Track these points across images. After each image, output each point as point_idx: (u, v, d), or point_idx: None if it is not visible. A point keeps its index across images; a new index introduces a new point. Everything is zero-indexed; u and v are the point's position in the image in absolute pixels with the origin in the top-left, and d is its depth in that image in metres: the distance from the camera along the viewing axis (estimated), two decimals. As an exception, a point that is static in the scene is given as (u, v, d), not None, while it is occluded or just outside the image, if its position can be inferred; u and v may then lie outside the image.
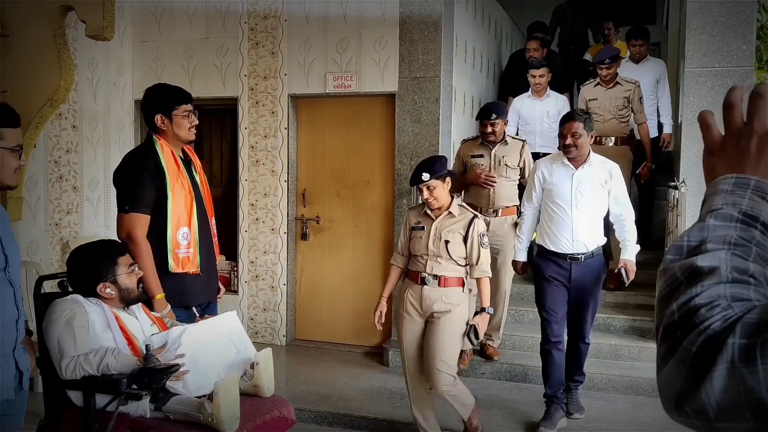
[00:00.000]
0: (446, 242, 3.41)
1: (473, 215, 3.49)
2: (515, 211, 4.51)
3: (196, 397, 2.59)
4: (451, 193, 3.54)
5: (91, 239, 3.17)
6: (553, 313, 3.82)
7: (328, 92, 5.33)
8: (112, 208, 3.18)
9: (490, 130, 4.53)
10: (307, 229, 5.56)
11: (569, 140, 3.69)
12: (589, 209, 3.75)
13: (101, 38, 4.18)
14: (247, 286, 5.63)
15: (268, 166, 5.52)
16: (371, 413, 4.15)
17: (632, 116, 5.39)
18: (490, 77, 7.08)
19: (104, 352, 2.50)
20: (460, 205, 3.57)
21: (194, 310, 3.15)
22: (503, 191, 4.58)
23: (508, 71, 7.16)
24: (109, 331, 2.62)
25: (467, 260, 3.46)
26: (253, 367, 2.82)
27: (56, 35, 4.25)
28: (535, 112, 5.67)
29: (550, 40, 7.07)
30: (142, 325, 2.75)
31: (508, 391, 4.56)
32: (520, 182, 4.61)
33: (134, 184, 2.98)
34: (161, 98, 3.11)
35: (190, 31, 5.64)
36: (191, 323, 2.88)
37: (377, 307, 3.65)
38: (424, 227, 3.49)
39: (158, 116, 3.06)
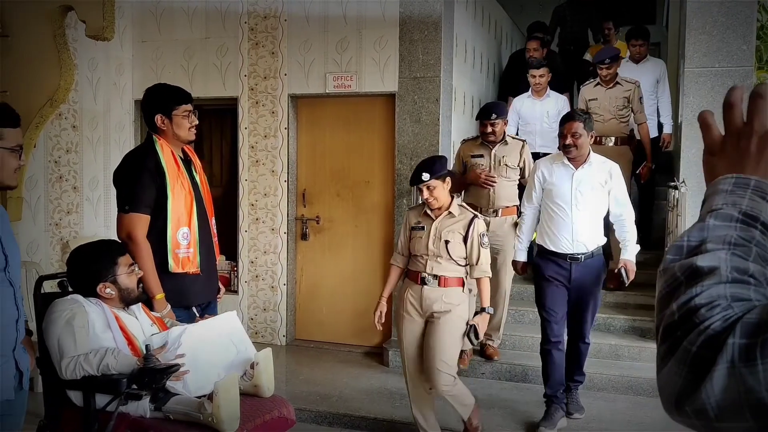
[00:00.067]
0: (446, 242, 3.41)
1: (473, 215, 3.48)
2: (515, 211, 4.51)
3: (196, 397, 2.59)
4: (451, 193, 3.54)
5: (91, 239, 3.17)
6: (553, 313, 3.82)
7: (328, 92, 5.33)
8: (112, 208, 3.18)
9: (490, 130, 4.53)
10: (307, 229, 5.56)
11: (569, 140, 3.69)
12: (589, 209, 3.75)
13: (101, 38, 4.18)
14: (247, 286, 5.64)
15: (268, 166, 5.52)
16: (371, 413, 4.15)
17: (632, 116, 5.39)
18: (490, 77, 7.08)
19: (104, 352, 2.50)
20: (460, 205, 3.57)
21: (194, 310, 3.15)
22: (503, 191, 4.58)
23: (508, 71, 7.16)
24: (109, 331, 2.62)
25: (467, 260, 3.46)
26: (253, 367, 2.82)
27: (56, 35, 4.25)
28: (535, 112, 5.67)
29: (550, 40, 7.06)
30: (142, 325, 2.75)
31: (508, 391, 4.56)
32: (520, 182, 4.61)
33: (134, 184, 2.97)
34: (161, 98, 3.11)
35: (190, 31, 5.64)
36: (191, 323, 2.88)
37: (377, 307, 3.65)
38: (424, 227, 3.49)
39: (158, 116, 3.06)
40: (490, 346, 4.82)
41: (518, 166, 4.60)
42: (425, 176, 3.37)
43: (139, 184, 2.97)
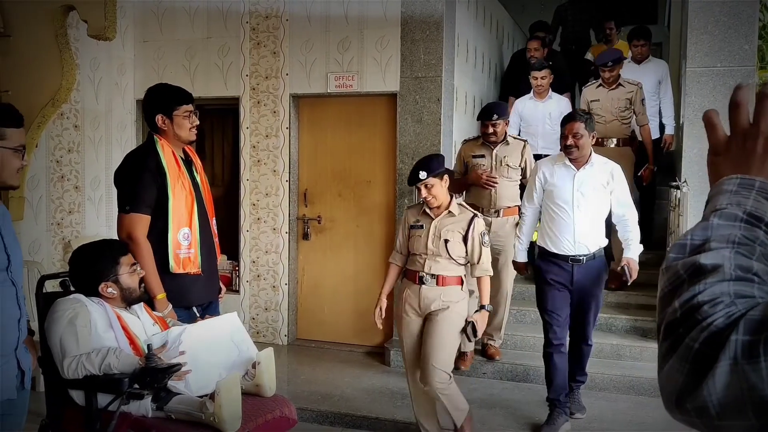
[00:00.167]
0: (446, 241, 3.39)
1: (473, 214, 3.47)
2: (517, 211, 4.49)
3: (197, 396, 2.59)
4: (450, 192, 3.53)
5: (92, 239, 3.16)
6: (555, 316, 3.79)
7: (329, 92, 5.33)
8: (113, 207, 3.17)
9: (491, 130, 4.53)
10: (308, 228, 5.56)
11: (570, 141, 3.67)
12: (590, 210, 3.72)
13: (103, 38, 4.18)
14: (248, 285, 5.64)
15: (269, 165, 5.52)
16: (373, 413, 4.15)
17: (634, 118, 5.37)
18: (491, 77, 7.07)
19: (106, 351, 2.50)
20: (459, 204, 3.56)
21: (194, 310, 3.15)
22: (505, 191, 4.57)
23: (509, 71, 7.15)
24: (111, 330, 2.62)
25: (467, 259, 3.45)
26: (254, 366, 2.82)
27: (58, 35, 4.25)
28: (537, 113, 5.65)
29: (552, 39, 7.06)
30: (144, 324, 2.75)
31: (509, 390, 4.55)
32: (521, 182, 4.60)
33: (135, 184, 2.97)
34: (162, 98, 3.11)
35: (191, 30, 5.64)
36: (191, 323, 2.88)
37: (377, 303, 3.63)
38: (423, 226, 3.48)
39: (159, 116, 3.06)
40: (491, 346, 4.82)
41: (519, 166, 4.59)
42: (422, 174, 3.36)
43: (139, 184, 2.96)
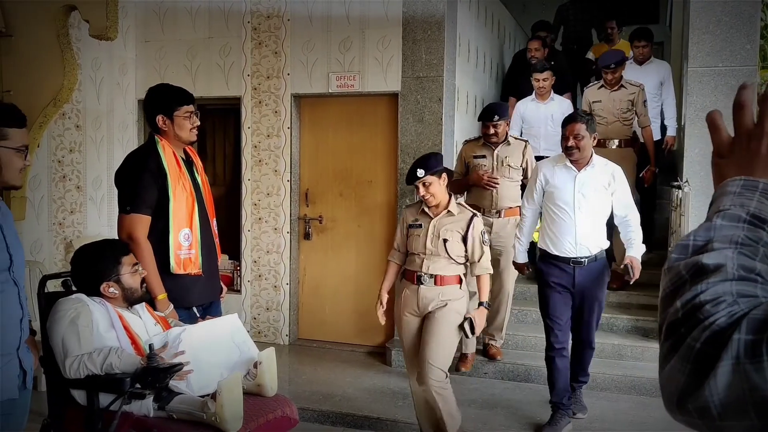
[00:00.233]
0: (444, 241, 3.38)
1: (472, 214, 3.46)
2: (518, 211, 4.48)
3: (199, 396, 2.59)
4: (450, 191, 3.52)
5: (94, 239, 3.17)
6: (557, 320, 3.77)
7: (331, 92, 5.33)
8: (115, 207, 3.18)
9: (492, 131, 4.53)
10: (309, 228, 5.56)
11: (571, 142, 3.64)
12: (592, 212, 3.70)
13: (104, 38, 4.18)
14: (250, 285, 5.64)
15: (271, 165, 5.52)
16: (374, 413, 4.15)
17: (636, 119, 5.36)
18: (493, 77, 7.07)
19: (108, 351, 2.50)
20: (458, 203, 3.55)
21: (195, 310, 3.15)
22: (506, 192, 4.57)
23: (511, 71, 7.15)
24: (112, 330, 2.62)
25: (467, 258, 3.43)
26: (256, 366, 2.82)
27: (60, 35, 4.25)
28: (539, 115, 5.63)
29: (553, 38, 7.05)
30: (146, 324, 2.75)
31: (510, 390, 4.55)
32: (522, 183, 4.60)
33: (136, 184, 2.97)
34: (163, 99, 3.11)
35: (193, 30, 5.65)
36: (192, 324, 2.88)
37: (378, 300, 3.60)
38: (421, 225, 3.46)
39: (160, 117, 3.06)
40: (492, 346, 4.82)
41: (521, 166, 4.59)
42: (420, 172, 3.34)
43: (140, 184, 2.96)
